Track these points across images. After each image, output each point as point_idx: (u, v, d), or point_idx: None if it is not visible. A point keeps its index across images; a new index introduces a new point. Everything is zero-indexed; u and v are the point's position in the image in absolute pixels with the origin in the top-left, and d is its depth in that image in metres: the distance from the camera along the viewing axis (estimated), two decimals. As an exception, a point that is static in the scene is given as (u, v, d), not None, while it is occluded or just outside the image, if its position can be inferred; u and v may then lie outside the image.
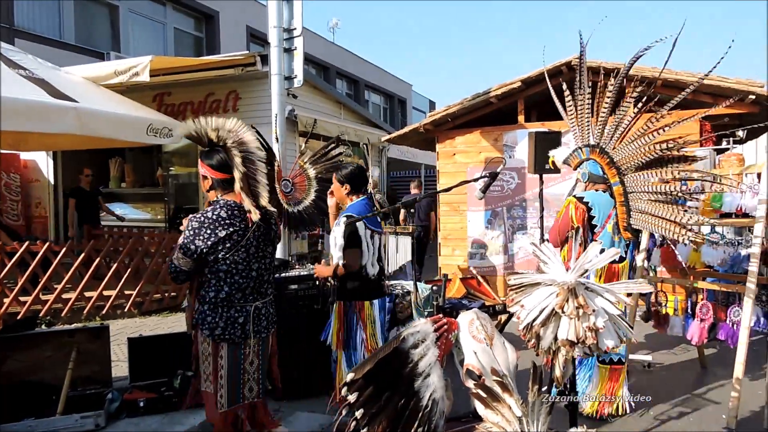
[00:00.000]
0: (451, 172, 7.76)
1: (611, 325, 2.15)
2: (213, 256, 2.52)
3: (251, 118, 8.05)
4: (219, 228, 2.50)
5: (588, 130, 3.46)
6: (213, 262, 2.53)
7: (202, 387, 2.62)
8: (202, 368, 2.60)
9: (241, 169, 2.56)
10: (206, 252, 2.50)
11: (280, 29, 5.69)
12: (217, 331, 2.54)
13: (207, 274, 2.56)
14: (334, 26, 22.46)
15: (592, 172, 3.42)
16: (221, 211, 2.53)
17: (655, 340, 5.49)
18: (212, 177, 2.62)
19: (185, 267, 2.51)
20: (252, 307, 2.62)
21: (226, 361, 2.56)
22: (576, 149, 3.50)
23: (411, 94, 26.37)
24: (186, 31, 14.13)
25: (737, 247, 4.05)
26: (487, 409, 1.76)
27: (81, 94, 5.93)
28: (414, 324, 1.87)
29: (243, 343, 2.60)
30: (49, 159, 9.62)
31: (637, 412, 3.85)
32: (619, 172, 3.28)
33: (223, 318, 2.55)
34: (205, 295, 2.56)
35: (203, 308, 2.56)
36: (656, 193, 3.04)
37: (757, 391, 4.08)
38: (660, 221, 3.00)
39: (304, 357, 3.97)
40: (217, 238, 2.50)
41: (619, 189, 3.27)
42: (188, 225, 2.52)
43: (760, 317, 3.88)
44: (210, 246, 2.50)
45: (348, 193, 3.46)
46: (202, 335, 2.57)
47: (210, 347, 2.56)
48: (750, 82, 5.93)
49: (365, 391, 1.68)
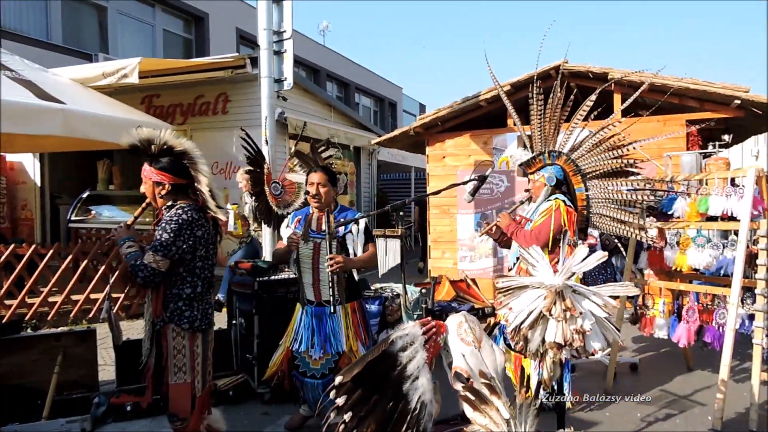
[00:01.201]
0: (441, 175, 7.78)
1: (598, 328, 2.17)
2: (191, 255, 2.68)
3: (241, 120, 8.04)
4: (196, 228, 2.68)
5: (553, 137, 3.55)
6: (190, 260, 2.69)
7: (172, 380, 2.69)
8: (173, 363, 2.70)
9: (204, 172, 2.74)
10: (186, 251, 2.65)
11: (270, 31, 5.69)
12: (197, 323, 2.73)
13: (182, 272, 2.70)
14: (325, 29, 22.48)
15: (558, 177, 3.48)
16: (192, 213, 2.68)
17: (641, 342, 5.53)
18: (170, 183, 2.73)
19: (163, 268, 2.62)
20: (211, 299, 2.86)
21: (201, 349, 2.76)
22: (539, 154, 3.54)
23: (401, 97, 26.41)
24: (175, 33, 14.06)
25: (722, 250, 4.09)
26: (475, 412, 1.76)
27: (68, 95, 5.89)
28: (403, 327, 1.87)
29: (209, 331, 2.83)
30: (35, 161, 9.53)
31: (623, 414, 3.88)
32: (583, 179, 3.47)
33: (199, 310, 2.75)
34: (180, 292, 2.70)
35: (178, 305, 2.69)
36: (616, 200, 3.28)
37: (743, 392, 4.12)
38: (619, 224, 3.24)
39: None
40: (196, 237, 2.68)
41: (582, 195, 3.44)
42: (165, 227, 2.63)
43: (744, 320, 3.92)
44: (190, 246, 2.66)
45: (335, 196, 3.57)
46: (177, 330, 2.69)
47: (185, 339, 2.71)
48: (735, 86, 6.01)
49: (354, 394, 1.68)
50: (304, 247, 3.38)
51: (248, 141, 4.90)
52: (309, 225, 3.40)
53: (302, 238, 3.37)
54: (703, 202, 4.11)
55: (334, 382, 1.68)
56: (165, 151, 2.72)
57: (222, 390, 4.11)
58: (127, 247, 2.67)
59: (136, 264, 2.60)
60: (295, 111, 9.03)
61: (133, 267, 2.60)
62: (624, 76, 6.44)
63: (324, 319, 3.36)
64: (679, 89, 6.30)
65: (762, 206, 3.98)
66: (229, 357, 4.49)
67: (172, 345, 2.70)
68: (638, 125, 6.76)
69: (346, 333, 3.35)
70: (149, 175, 2.73)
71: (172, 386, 2.69)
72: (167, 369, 2.70)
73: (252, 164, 4.94)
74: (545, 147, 3.53)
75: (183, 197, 2.76)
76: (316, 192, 3.38)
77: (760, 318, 3.56)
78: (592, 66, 6.55)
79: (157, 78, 8.06)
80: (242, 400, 4.12)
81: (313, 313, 3.39)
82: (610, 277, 4.91)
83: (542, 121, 3.53)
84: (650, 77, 6.40)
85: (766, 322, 3.53)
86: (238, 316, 4.49)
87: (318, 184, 3.39)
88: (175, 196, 2.75)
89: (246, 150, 4.92)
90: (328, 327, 3.36)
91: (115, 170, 10.24)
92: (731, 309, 3.72)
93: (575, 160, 3.49)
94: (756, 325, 3.59)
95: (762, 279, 3.58)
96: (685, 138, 6.52)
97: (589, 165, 3.43)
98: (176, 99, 8.96)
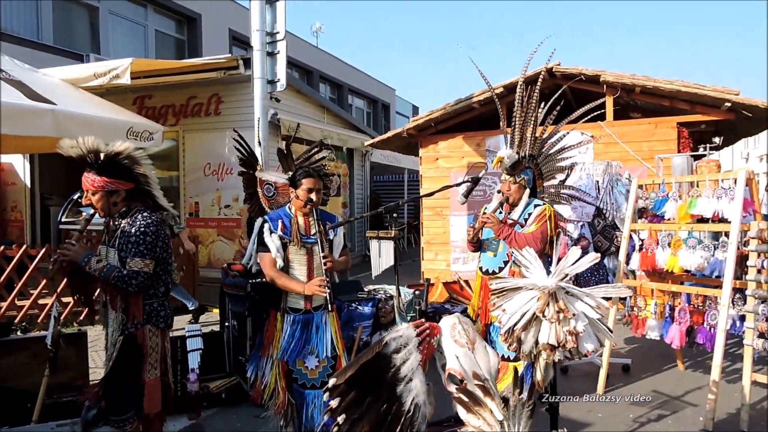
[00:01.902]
0: (434, 176, 7.80)
1: (591, 329, 2.18)
2: (165, 254, 2.76)
3: (234, 121, 8.01)
4: (164, 229, 2.78)
5: (528, 140, 3.61)
6: (164, 260, 2.76)
7: (147, 377, 2.69)
8: (149, 361, 2.71)
9: (150, 172, 2.78)
10: (164, 250, 2.74)
11: (263, 33, 5.68)
12: (169, 320, 2.82)
13: (159, 272, 2.75)
14: (318, 30, 22.45)
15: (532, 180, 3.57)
16: (155, 216, 2.73)
17: (634, 343, 5.56)
18: (125, 189, 2.72)
19: (151, 271, 2.66)
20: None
21: (169, 343, 2.88)
22: (523, 157, 3.59)
23: (394, 99, 26.43)
24: (167, 34, 14.00)
25: (713, 252, 4.11)
26: (469, 414, 1.76)
27: (59, 96, 5.84)
28: (396, 328, 1.87)
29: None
30: (26, 162, 9.45)
31: (616, 415, 3.90)
32: (543, 182, 3.71)
33: (169, 308, 2.84)
34: (156, 291, 2.75)
35: (154, 306, 2.74)
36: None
37: (734, 393, 4.15)
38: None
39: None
40: (168, 238, 2.79)
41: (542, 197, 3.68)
42: (146, 231, 2.65)
43: (736, 321, 3.95)
44: (166, 244, 2.76)
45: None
46: (152, 330, 2.73)
47: (158, 337, 2.76)
48: (726, 89, 6.05)
49: (347, 396, 1.68)
50: (296, 253, 3.16)
51: (241, 142, 4.88)
52: (299, 230, 3.17)
53: (293, 243, 3.15)
54: (693, 204, 4.14)
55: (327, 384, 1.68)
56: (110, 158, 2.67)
57: (214, 392, 4.09)
58: (96, 262, 2.61)
59: (122, 275, 2.58)
60: (288, 112, 9.00)
61: (120, 279, 2.57)
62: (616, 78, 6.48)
63: (311, 326, 3.18)
64: (671, 92, 6.35)
65: (752, 208, 4.02)
66: (221, 359, 4.46)
67: (148, 345, 2.71)
68: (630, 127, 6.84)
69: (334, 336, 3.21)
70: (101, 184, 2.66)
71: (148, 383, 2.70)
72: (144, 369, 2.69)
73: (245, 166, 4.92)
74: (524, 150, 3.60)
75: (136, 201, 2.76)
76: (316, 198, 3.18)
77: (751, 319, 3.59)
78: (585, 68, 6.58)
79: (149, 79, 8.02)
80: (235, 403, 4.10)
81: (300, 321, 3.17)
82: (602, 278, 4.93)
83: (524, 125, 3.59)
84: (642, 80, 6.46)
85: (756, 323, 3.55)
86: (231, 318, 4.48)
87: (318, 191, 3.20)
88: (129, 201, 2.74)
89: (239, 151, 4.91)
90: (318, 333, 3.19)
91: (106, 171, 10.19)
92: (722, 310, 3.75)
93: (540, 165, 3.70)
94: (747, 326, 3.61)
95: (752, 280, 3.61)
96: (677, 140, 6.56)
97: (546, 170, 3.72)
98: (168, 100, 8.92)
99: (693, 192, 4.22)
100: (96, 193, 2.68)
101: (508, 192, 3.54)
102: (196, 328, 4.25)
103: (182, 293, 6.19)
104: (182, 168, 8.99)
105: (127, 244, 2.63)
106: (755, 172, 3.98)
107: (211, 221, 8.79)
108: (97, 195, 2.68)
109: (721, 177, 4.21)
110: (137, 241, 2.62)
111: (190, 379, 3.89)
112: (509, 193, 3.54)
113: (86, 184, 2.68)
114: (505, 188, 3.54)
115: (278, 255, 3.11)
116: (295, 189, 3.20)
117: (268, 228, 3.15)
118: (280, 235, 3.13)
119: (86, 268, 2.60)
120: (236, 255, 8.46)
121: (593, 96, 7.36)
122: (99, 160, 2.64)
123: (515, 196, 3.54)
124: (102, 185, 2.66)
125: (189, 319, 6.26)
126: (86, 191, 2.70)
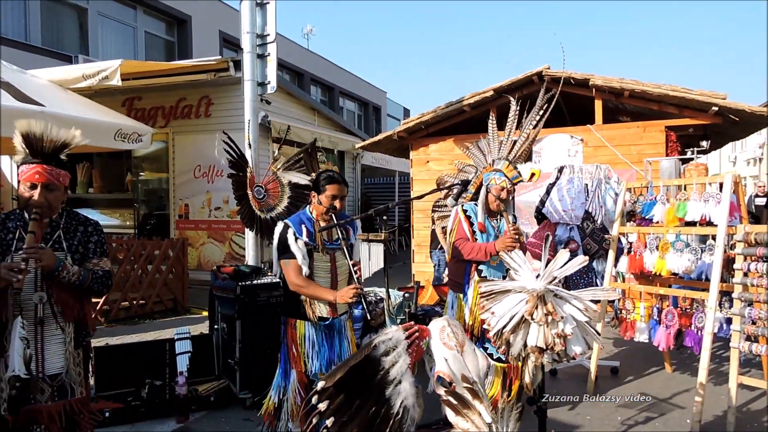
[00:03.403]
0: (425, 179, 7.81)
1: (579, 332, 2.19)
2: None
3: (224, 123, 7.99)
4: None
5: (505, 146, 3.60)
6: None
7: (80, 393, 2.40)
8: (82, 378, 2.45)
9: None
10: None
11: (253, 35, 5.66)
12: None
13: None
14: (309, 32, 22.45)
15: None
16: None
17: (622, 345, 5.59)
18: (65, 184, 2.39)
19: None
20: None
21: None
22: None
23: (386, 102, 26.45)
24: (157, 35, 13.94)
25: (701, 255, 4.15)
26: (458, 416, 1.77)
27: (47, 97, 5.80)
28: (386, 331, 1.87)
29: None
30: (13, 164, 9.36)
31: (604, 417, 3.92)
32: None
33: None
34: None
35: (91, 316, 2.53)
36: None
37: (721, 395, 4.18)
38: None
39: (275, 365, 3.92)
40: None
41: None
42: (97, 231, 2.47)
43: (723, 324, 3.98)
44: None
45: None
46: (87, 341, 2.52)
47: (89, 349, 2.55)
48: (713, 93, 6.12)
49: (336, 399, 1.68)
50: (320, 260, 3.00)
51: (231, 144, 4.87)
52: (322, 236, 3.00)
53: (317, 249, 2.98)
54: (681, 208, 4.17)
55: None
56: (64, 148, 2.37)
57: (203, 395, 4.07)
58: (71, 265, 2.30)
59: (99, 277, 2.40)
60: (278, 114, 9.00)
61: (98, 281, 2.39)
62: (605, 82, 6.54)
63: (333, 334, 3.06)
64: (659, 96, 6.41)
65: (738, 213, 4.06)
66: (210, 362, 4.44)
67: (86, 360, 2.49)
68: (619, 131, 6.89)
69: (352, 343, 3.14)
70: (62, 179, 2.33)
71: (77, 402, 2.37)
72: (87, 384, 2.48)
73: (234, 168, 4.91)
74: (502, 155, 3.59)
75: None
76: (339, 206, 3.01)
77: (738, 322, 3.62)
78: (574, 72, 6.63)
79: (139, 80, 7.98)
80: (224, 406, 4.08)
81: (323, 329, 3.02)
82: (591, 281, 4.96)
83: (511, 131, 3.58)
84: (631, 84, 6.52)
85: (743, 325, 3.59)
86: (220, 321, 4.46)
87: (342, 198, 3.02)
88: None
89: (228, 153, 4.89)
90: (340, 340, 3.08)
91: (95, 174, 10.12)
92: (709, 313, 3.78)
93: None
94: (733, 328, 3.64)
95: (739, 283, 3.64)
96: (665, 144, 6.62)
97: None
98: (158, 102, 8.89)
99: (681, 195, 4.26)
100: (56, 189, 2.31)
101: (503, 197, 3.41)
102: (185, 331, 4.23)
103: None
104: (172, 170, 8.96)
105: (88, 243, 2.41)
106: (741, 176, 4.02)
107: (201, 223, 8.75)
108: (57, 192, 2.32)
109: (708, 181, 4.25)
110: (101, 240, 2.46)
111: (179, 382, 3.87)
112: (503, 200, 3.41)
113: (48, 177, 2.26)
114: (504, 195, 3.40)
115: (304, 262, 2.91)
116: (318, 194, 2.99)
117: (293, 234, 2.92)
118: (306, 242, 2.93)
119: (62, 275, 2.25)
120: (226, 257, 8.43)
121: (582, 100, 7.46)
122: (56, 150, 2.32)
123: (508, 203, 3.46)
124: (63, 180, 2.33)
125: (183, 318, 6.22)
126: (37, 184, 2.25)
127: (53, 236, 2.33)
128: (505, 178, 3.41)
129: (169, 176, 9.00)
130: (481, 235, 3.45)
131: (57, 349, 2.32)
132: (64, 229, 2.37)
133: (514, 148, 3.57)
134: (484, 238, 3.44)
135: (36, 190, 2.25)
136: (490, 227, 3.49)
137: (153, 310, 6.90)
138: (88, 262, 2.41)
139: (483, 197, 3.48)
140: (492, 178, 3.45)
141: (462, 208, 3.55)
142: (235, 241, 8.45)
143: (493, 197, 3.42)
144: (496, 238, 3.42)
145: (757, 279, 3.50)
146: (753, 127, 7.04)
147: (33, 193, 2.25)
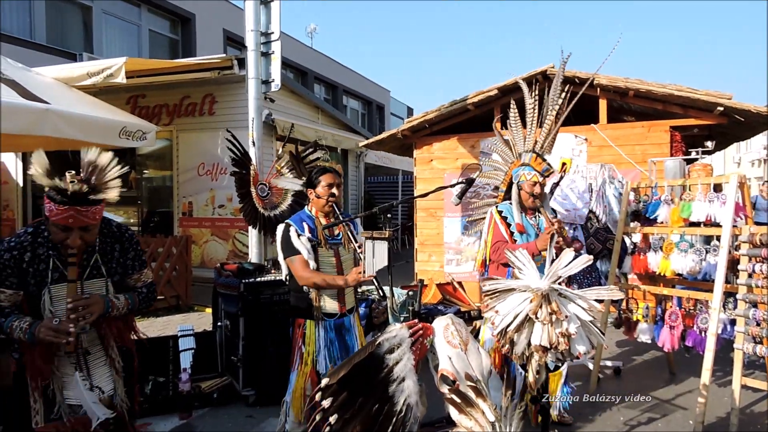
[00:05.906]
0: (428, 178, 7.80)
1: (583, 331, 2.18)
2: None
3: (228, 121, 8.00)
4: None
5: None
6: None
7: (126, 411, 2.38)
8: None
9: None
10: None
11: (257, 33, 5.67)
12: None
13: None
14: (313, 31, 22.50)
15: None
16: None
17: (625, 346, 5.58)
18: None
19: None
20: None
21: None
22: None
23: (389, 100, 26.45)
24: (161, 33, 13.96)
25: (705, 255, 4.13)
26: (461, 414, 1.77)
27: (52, 95, 5.82)
28: (390, 329, 1.87)
29: None
30: (18, 161, 9.41)
31: (606, 417, 3.91)
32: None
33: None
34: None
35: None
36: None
37: (724, 397, 4.17)
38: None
39: (277, 362, 3.93)
40: None
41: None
42: (137, 246, 2.41)
43: (726, 325, 3.97)
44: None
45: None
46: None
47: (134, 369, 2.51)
48: (718, 94, 6.10)
49: (339, 396, 1.68)
50: (325, 255, 3.01)
51: (234, 142, 4.88)
52: (324, 231, 3.02)
53: (320, 245, 3.00)
54: (686, 208, 4.16)
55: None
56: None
57: (206, 392, 4.08)
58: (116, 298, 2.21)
59: (145, 294, 2.33)
60: (282, 113, 9.00)
61: (145, 300, 2.33)
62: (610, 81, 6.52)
63: (343, 331, 3.07)
64: (664, 95, 6.39)
65: (743, 213, 4.04)
66: (213, 359, 4.45)
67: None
68: (623, 131, 6.87)
69: (360, 339, 3.14)
70: (98, 215, 2.11)
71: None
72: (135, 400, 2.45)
73: (238, 166, 4.92)
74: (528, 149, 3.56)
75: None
76: (338, 192, 3.03)
77: (742, 323, 3.61)
78: (579, 71, 6.61)
79: (143, 78, 8.00)
80: (226, 403, 4.09)
81: (334, 326, 3.04)
82: (594, 281, 4.95)
83: (533, 123, 3.55)
84: (636, 83, 6.50)
85: (747, 327, 3.58)
86: (223, 318, 4.46)
87: (338, 185, 3.05)
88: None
89: (232, 152, 4.90)
90: (350, 336, 3.09)
91: (99, 171, 10.13)
92: (713, 314, 3.77)
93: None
94: (737, 329, 3.63)
95: (743, 284, 3.63)
96: (670, 144, 6.60)
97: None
98: (162, 99, 8.90)
99: (686, 196, 4.25)
100: (93, 227, 2.11)
101: (538, 193, 3.31)
102: (189, 328, 4.23)
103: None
104: (176, 168, 8.98)
105: (126, 261, 2.29)
106: (747, 177, 4.00)
107: (205, 221, 8.77)
108: (94, 228, 2.12)
109: (713, 181, 4.23)
110: (138, 254, 2.33)
111: (182, 378, 3.88)
112: (537, 195, 3.30)
113: (84, 221, 2.03)
114: (537, 189, 3.29)
115: (310, 257, 2.92)
116: (314, 189, 3.03)
117: (295, 231, 2.95)
118: (309, 237, 2.96)
119: (113, 313, 2.16)
120: (229, 255, 8.44)
121: (587, 99, 7.42)
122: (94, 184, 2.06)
123: (542, 198, 3.34)
124: (102, 212, 2.13)
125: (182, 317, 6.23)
126: (73, 228, 2.02)
127: (90, 262, 2.17)
128: (535, 172, 3.31)
129: (173, 174, 9.02)
130: (520, 235, 3.33)
131: (103, 372, 2.29)
132: (101, 251, 2.21)
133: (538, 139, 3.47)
134: (524, 238, 3.32)
135: (70, 232, 2.03)
136: (529, 226, 3.38)
137: (156, 307, 6.92)
138: (129, 278, 2.31)
139: (516, 195, 3.38)
140: (521, 173, 3.35)
141: (497, 209, 3.46)
142: (238, 238, 8.47)
143: (527, 194, 3.32)
144: (536, 236, 3.32)
145: (762, 280, 3.49)
146: (758, 128, 7.01)
147: (66, 235, 2.04)
